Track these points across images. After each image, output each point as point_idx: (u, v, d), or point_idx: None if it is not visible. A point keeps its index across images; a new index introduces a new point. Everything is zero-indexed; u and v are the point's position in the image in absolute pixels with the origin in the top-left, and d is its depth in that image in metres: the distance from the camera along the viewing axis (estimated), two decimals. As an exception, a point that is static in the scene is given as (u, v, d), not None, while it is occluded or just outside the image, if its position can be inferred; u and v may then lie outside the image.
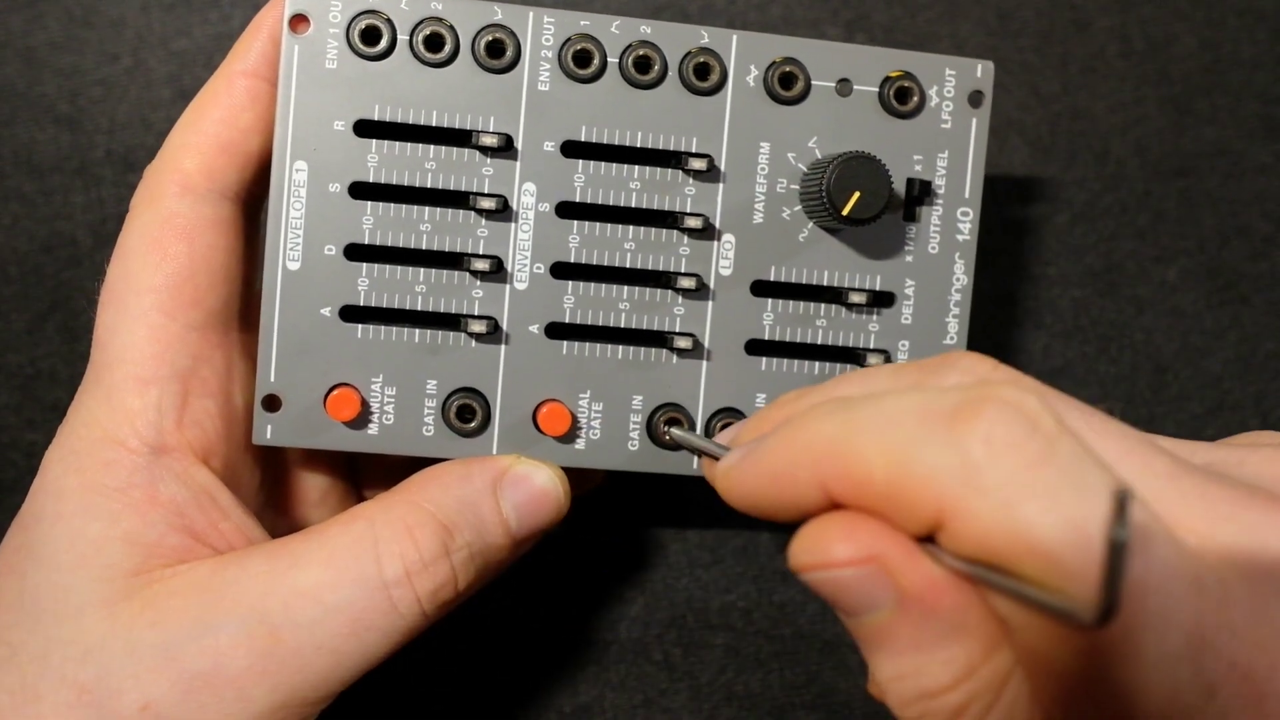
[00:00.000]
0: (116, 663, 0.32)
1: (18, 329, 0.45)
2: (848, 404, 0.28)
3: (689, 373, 0.37)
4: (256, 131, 0.36)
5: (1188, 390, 0.49)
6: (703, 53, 0.37)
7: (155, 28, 0.45)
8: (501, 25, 0.36)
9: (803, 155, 0.37)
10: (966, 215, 0.38)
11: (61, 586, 0.33)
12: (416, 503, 0.35)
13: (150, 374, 0.34)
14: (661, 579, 0.47)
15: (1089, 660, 0.25)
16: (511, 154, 0.36)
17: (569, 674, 0.47)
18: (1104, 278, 0.48)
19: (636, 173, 0.37)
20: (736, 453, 0.30)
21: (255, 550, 0.34)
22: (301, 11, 0.35)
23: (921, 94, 0.37)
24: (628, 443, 0.37)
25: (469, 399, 0.37)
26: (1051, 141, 0.48)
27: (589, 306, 0.37)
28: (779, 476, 0.28)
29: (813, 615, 0.47)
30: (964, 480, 0.25)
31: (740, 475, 0.30)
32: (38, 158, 0.45)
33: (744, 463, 0.30)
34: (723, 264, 0.37)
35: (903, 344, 0.38)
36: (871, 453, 0.27)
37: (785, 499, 0.29)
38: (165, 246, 0.35)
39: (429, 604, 0.34)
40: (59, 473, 0.34)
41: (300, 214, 0.36)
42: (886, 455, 0.26)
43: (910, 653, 0.28)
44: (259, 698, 0.33)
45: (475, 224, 0.36)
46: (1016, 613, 0.26)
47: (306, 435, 0.36)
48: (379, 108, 0.36)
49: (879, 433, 0.27)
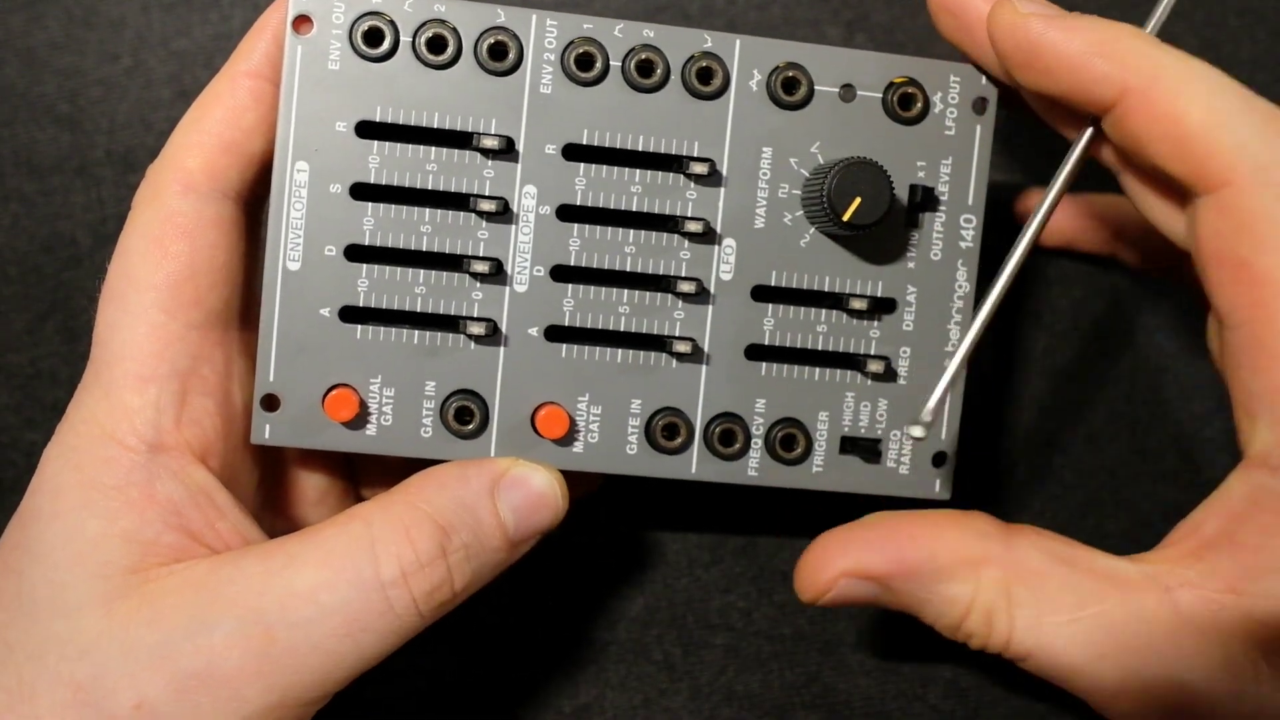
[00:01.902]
0: (112, 661, 0.32)
1: (18, 329, 0.45)
2: (1188, 57, 0.33)
3: (688, 377, 0.37)
4: (259, 132, 0.36)
5: (1188, 390, 0.49)
6: (705, 57, 0.37)
7: (155, 28, 0.45)
8: (504, 28, 0.36)
9: (805, 160, 0.37)
10: (970, 222, 0.38)
11: (58, 584, 0.33)
12: (414, 504, 0.35)
13: (149, 372, 0.34)
14: (661, 579, 0.47)
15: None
16: (513, 156, 0.36)
17: (569, 674, 0.47)
18: (1104, 278, 0.48)
19: (638, 176, 0.37)
20: (1038, 4, 0.35)
21: (252, 550, 0.34)
22: (304, 12, 0.35)
23: (925, 100, 0.37)
24: (626, 446, 0.37)
25: (467, 401, 0.36)
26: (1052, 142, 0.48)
27: (589, 309, 0.37)
28: (1086, 55, 0.33)
29: (813, 615, 0.47)
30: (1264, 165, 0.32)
31: (1044, 28, 0.34)
32: (38, 158, 0.45)
33: (1058, 22, 0.34)
34: (723, 268, 0.37)
35: (904, 350, 0.38)
36: (1195, 102, 0.32)
37: (1068, 74, 0.34)
38: (166, 245, 0.35)
39: (425, 605, 0.34)
40: (57, 470, 0.34)
41: (301, 214, 0.36)
42: (1208, 113, 0.32)
43: (923, 606, 0.36)
44: (253, 697, 0.33)
45: (476, 226, 0.36)
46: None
47: (305, 435, 0.36)
48: (381, 109, 0.36)
49: (1212, 91, 0.33)
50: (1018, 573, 0.35)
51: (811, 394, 0.38)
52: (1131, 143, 0.34)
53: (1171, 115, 0.33)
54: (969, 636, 0.36)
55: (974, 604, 0.35)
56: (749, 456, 0.38)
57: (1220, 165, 0.33)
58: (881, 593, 0.36)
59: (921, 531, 0.36)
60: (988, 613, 0.35)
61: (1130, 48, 0.33)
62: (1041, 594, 0.35)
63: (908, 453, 0.39)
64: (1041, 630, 0.34)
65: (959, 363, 0.35)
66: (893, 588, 0.36)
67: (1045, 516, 0.48)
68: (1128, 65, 0.33)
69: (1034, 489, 0.48)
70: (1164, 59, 0.33)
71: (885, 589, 0.36)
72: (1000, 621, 0.35)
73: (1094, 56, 0.33)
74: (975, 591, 0.35)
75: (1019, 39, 0.34)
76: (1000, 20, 0.35)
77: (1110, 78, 0.33)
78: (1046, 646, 0.34)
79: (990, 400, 0.48)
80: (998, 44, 0.35)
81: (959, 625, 0.35)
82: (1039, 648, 0.35)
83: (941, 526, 0.36)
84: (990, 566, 0.35)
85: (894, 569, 0.35)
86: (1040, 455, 0.48)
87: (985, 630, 0.35)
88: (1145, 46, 0.33)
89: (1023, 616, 0.35)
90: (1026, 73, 0.35)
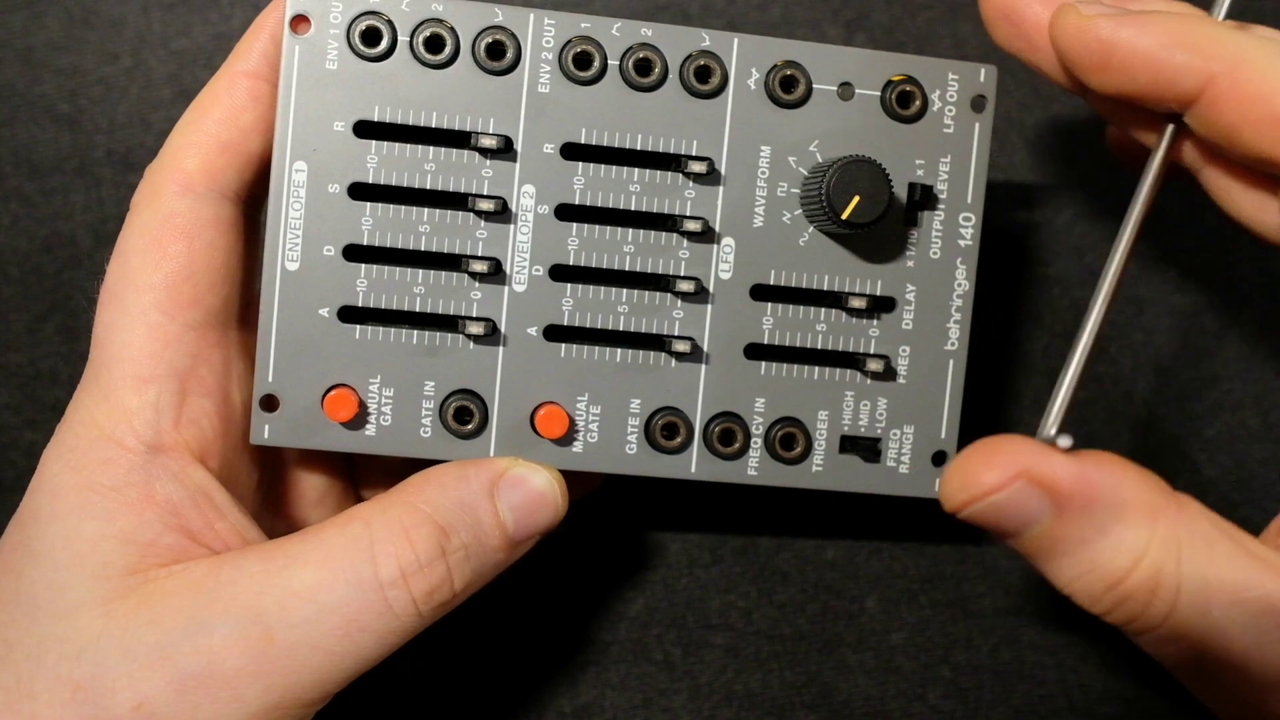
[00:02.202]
0: (111, 661, 0.32)
1: (18, 329, 0.45)
2: (1264, 37, 0.32)
3: (687, 376, 0.37)
4: (257, 132, 0.36)
5: (1188, 390, 0.49)
6: (704, 55, 0.37)
7: (155, 28, 0.45)
8: (502, 27, 0.36)
9: (804, 159, 0.37)
10: (969, 220, 0.38)
11: (57, 584, 0.33)
12: (413, 504, 0.35)
13: (148, 373, 0.34)
14: (661, 579, 0.47)
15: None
16: (511, 156, 0.36)
17: (569, 674, 0.47)
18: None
19: (636, 175, 0.37)
20: (1101, 5, 0.33)
21: (251, 550, 0.34)
22: (302, 12, 0.35)
23: (924, 98, 0.37)
24: (625, 446, 0.37)
25: (467, 401, 0.36)
26: (1052, 141, 0.48)
27: (588, 309, 0.37)
28: (1164, 49, 0.32)
29: (813, 615, 0.47)
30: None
31: (1115, 27, 0.33)
32: (38, 158, 0.45)
33: (1129, 20, 0.33)
34: (722, 267, 0.37)
35: (903, 349, 0.38)
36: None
37: (1146, 71, 0.32)
38: (165, 246, 0.35)
39: (424, 605, 0.34)
40: (56, 470, 0.34)
41: (299, 214, 0.36)
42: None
43: (1081, 548, 0.31)
44: (253, 698, 0.33)
45: (474, 226, 0.36)
46: None
47: (304, 436, 0.36)
48: (379, 109, 0.36)
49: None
50: (1191, 535, 0.31)
51: (811, 393, 0.38)
52: (1223, 132, 0.33)
53: (1264, 96, 0.31)
54: (1124, 600, 0.31)
55: (1146, 556, 0.31)
56: (748, 456, 0.38)
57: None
58: (1044, 517, 0.31)
59: (1105, 461, 0.31)
60: (1156, 570, 0.30)
61: (1208, 35, 0.32)
62: (1210, 566, 0.31)
63: (907, 452, 0.38)
64: (1209, 606, 0.30)
65: (1081, 355, 0.33)
66: (1066, 512, 0.31)
67: (1046, 516, 0.48)
68: (1209, 53, 0.32)
69: (1034, 488, 0.48)
70: (1245, 41, 0.32)
71: (1057, 511, 0.31)
72: (1166, 585, 0.30)
73: (1172, 49, 0.32)
74: (1149, 541, 0.31)
75: (1089, 42, 0.33)
76: (1066, 25, 0.34)
77: (1192, 68, 0.32)
78: (1214, 623, 0.31)
79: (990, 400, 0.48)
80: (1065, 50, 0.34)
81: (1119, 582, 0.31)
82: (1203, 624, 0.31)
83: (1123, 465, 0.32)
84: (1166, 520, 0.31)
85: (1079, 489, 0.31)
86: (1040, 454, 0.48)
87: (1147, 593, 0.31)
88: (1221, 32, 0.32)
89: (1190, 586, 0.30)
90: (1101, 75, 0.33)
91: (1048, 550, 0.31)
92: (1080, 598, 0.31)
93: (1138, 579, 0.31)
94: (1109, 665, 0.48)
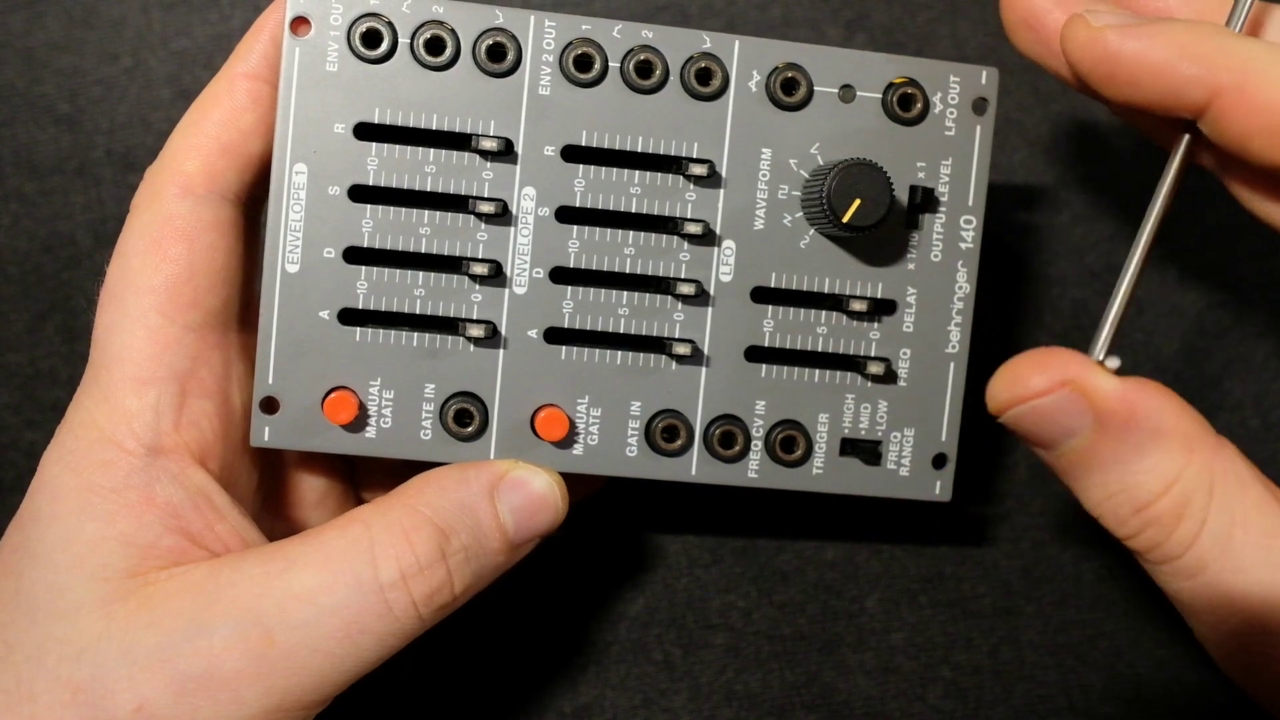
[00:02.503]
0: (111, 663, 0.32)
1: (18, 329, 0.45)
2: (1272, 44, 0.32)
3: (688, 379, 0.37)
4: (257, 134, 0.36)
5: (1188, 390, 0.48)
6: (704, 58, 0.36)
7: (155, 28, 0.45)
8: (503, 29, 0.36)
9: (805, 162, 0.37)
10: (970, 223, 0.38)
11: (57, 586, 0.33)
12: (413, 506, 0.35)
13: (148, 375, 0.34)
14: (661, 579, 0.47)
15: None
16: (512, 158, 0.36)
17: (569, 674, 0.47)
18: (1104, 278, 0.48)
19: (637, 178, 0.37)
20: (1112, 15, 0.33)
21: (251, 553, 0.34)
22: (303, 14, 0.35)
23: (925, 101, 0.37)
24: (626, 448, 0.37)
25: (467, 403, 0.36)
26: (1052, 142, 0.48)
27: (588, 311, 0.37)
28: (1170, 61, 0.32)
29: (813, 615, 0.47)
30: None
31: (1123, 39, 0.32)
32: (38, 158, 0.45)
33: (1136, 31, 0.33)
34: (723, 270, 0.37)
35: (904, 352, 0.38)
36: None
37: (1155, 83, 0.32)
38: (165, 248, 0.35)
39: (425, 608, 0.34)
40: (56, 473, 0.34)
41: (300, 216, 0.36)
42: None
43: (1115, 468, 0.32)
44: (252, 700, 0.33)
45: (475, 228, 0.36)
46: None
47: (304, 438, 0.36)
48: (379, 111, 0.36)
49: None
50: (1225, 473, 0.32)
51: (811, 396, 0.38)
52: (1234, 141, 0.33)
53: (1271, 106, 0.31)
54: (1149, 524, 0.33)
55: (1177, 483, 0.32)
56: (749, 458, 0.38)
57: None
58: (1085, 432, 0.33)
59: (1150, 386, 0.33)
60: (1185, 499, 0.32)
61: (1215, 46, 0.32)
62: (1240, 506, 0.32)
63: (908, 455, 0.38)
64: (1231, 542, 0.32)
65: (1131, 279, 0.35)
66: (1105, 429, 0.32)
67: (1045, 517, 0.48)
68: (1216, 64, 0.32)
69: (1034, 489, 0.48)
70: (1252, 51, 0.32)
71: (1097, 427, 0.32)
72: (1194, 515, 0.32)
73: (1179, 61, 0.32)
74: (1183, 470, 0.32)
75: (1097, 54, 0.33)
76: (1075, 37, 0.33)
77: (1200, 79, 0.32)
78: (1235, 561, 0.32)
79: (991, 401, 0.48)
80: (1076, 62, 0.34)
81: (1148, 505, 0.32)
82: (1224, 561, 0.32)
83: (1166, 392, 0.33)
84: (1203, 453, 0.32)
85: (1122, 407, 0.32)
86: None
87: (1173, 520, 0.32)
88: (1230, 42, 0.32)
89: (1216, 521, 0.32)
90: (1111, 86, 0.33)
91: (1082, 466, 0.33)
92: (1108, 519, 0.33)
93: (1166, 504, 0.32)
94: (1109, 665, 0.48)
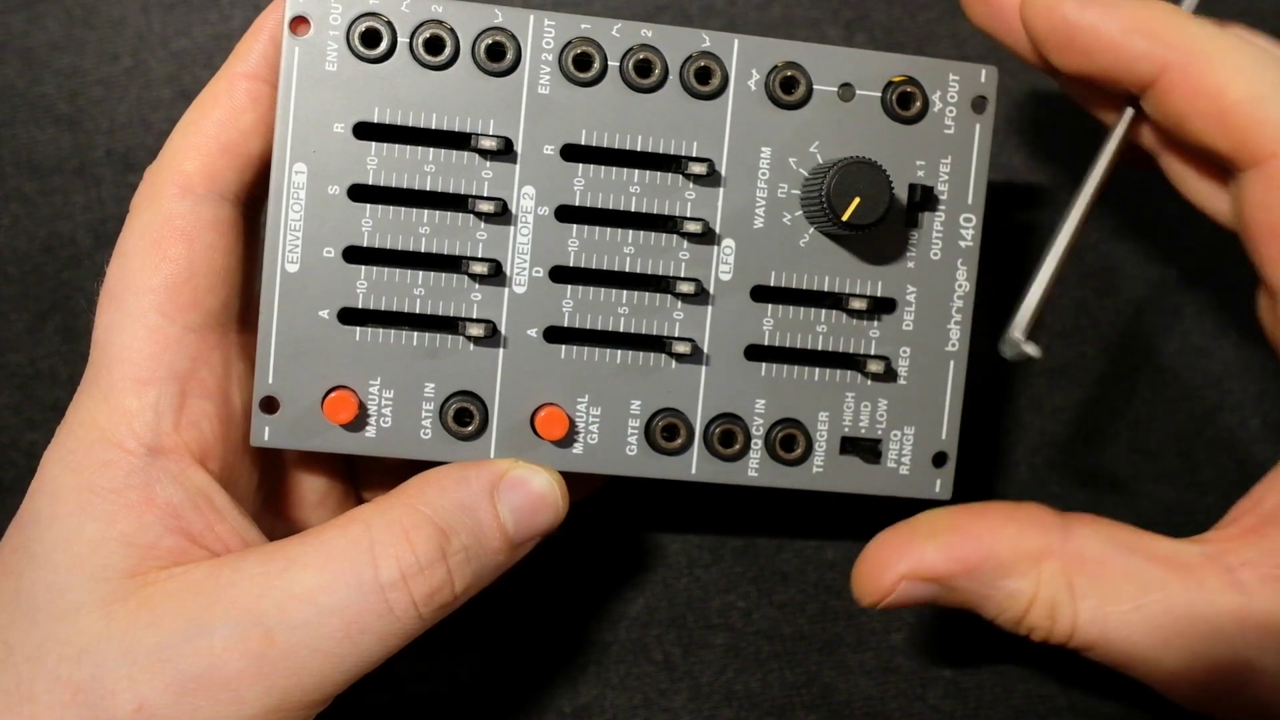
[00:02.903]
0: (111, 663, 0.32)
1: (18, 329, 0.45)
2: (1226, 31, 0.34)
3: (688, 378, 0.37)
4: (257, 133, 0.36)
5: (1188, 390, 0.48)
6: (704, 56, 0.36)
7: (155, 28, 0.45)
8: (502, 28, 0.36)
9: (804, 160, 0.37)
10: (969, 221, 0.38)
11: (57, 587, 0.33)
12: (413, 506, 0.35)
13: (148, 375, 0.34)
14: (661, 579, 0.47)
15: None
16: (511, 157, 0.36)
17: (569, 674, 0.47)
18: (1104, 278, 0.48)
19: (636, 177, 0.37)
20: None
21: (251, 553, 0.34)
22: (302, 14, 0.35)
23: (925, 99, 0.37)
24: (626, 447, 0.37)
25: (467, 402, 0.36)
26: (1051, 141, 0.48)
27: (588, 310, 0.37)
28: (1124, 34, 0.34)
29: (813, 615, 0.47)
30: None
31: (1081, 9, 0.34)
32: (38, 158, 0.45)
33: (1094, 3, 0.34)
34: (722, 269, 0.37)
35: (904, 350, 0.38)
36: (1236, 76, 0.32)
37: (1106, 54, 0.34)
38: (164, 248, 0.35)
39: (425, 607, 0.34)
40: (56, 473, 0.34)
41: (299, 216, 0.36)
42: (1250, 86, 0.32)
43: (984, 602, 0.36)
44: (253, 700, 0.33)
45: (474, 227, 0.36)
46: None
47: (304, 437, 0.36)
48: (379, 110, 0.36)
49: (1253, 64, 0.33)
50: (1079, 563, 0.35)
51: (811, 394, 0.38)
52: (1173, 120, 0.34)
53: (1212, 89, 0.33)
54: (1031, 630, 0.36)
55: (1036, 598, 0.35)
56: (749, 457, 0.38)
57: (1265, 137, 0.33)
58: (942, 592, 0.36)
59: (980, 528, 0.36)
60: (1051, 606, 0.35)
61: (1168, 24, 0.33)
62: (1104, 583, 0.34)
63: (908, 453, 0.38)
64: (1106, 620, 0.34)
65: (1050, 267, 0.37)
66: (954, 586, 0.36)
67: (1046, 516, 0.48)
68: (1166, 41, 0.33)
69: (1034, 489, 0.48)
70: (1202, 33, 0.33)
71: (946, 588, 0.36)
72: (1064, 614, 0.35)
73: (1132, 34, 0.33)
74: (1037, 586, 0.35)
75: (1055, 21, 0.34)
76: (1035, 4, 0.35)
77: (1149, 55, 0.33)
78: (1111, 636, 0.34)
79: (990, 400, 0.48)
80: (1033, 28, 0.35)
81: (1021, 620, 0.35)
82: (1103, 638, 0.35)
83: (1000, 521, 0.36)
84: (1051, 559, 0.35)
85: (955, 568, 0.35)
86: (1040, 455, 0.48)
87: (1048, 623, 0.35)
88: (1182, 22, 0.33)
89: (1086, 607, 0.34)
90: (1064, 55, 0.35)
91: (963, 605, 0.36)
92: (1005, 629, 0.36)
93: (1036, 614, 0.35)
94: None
